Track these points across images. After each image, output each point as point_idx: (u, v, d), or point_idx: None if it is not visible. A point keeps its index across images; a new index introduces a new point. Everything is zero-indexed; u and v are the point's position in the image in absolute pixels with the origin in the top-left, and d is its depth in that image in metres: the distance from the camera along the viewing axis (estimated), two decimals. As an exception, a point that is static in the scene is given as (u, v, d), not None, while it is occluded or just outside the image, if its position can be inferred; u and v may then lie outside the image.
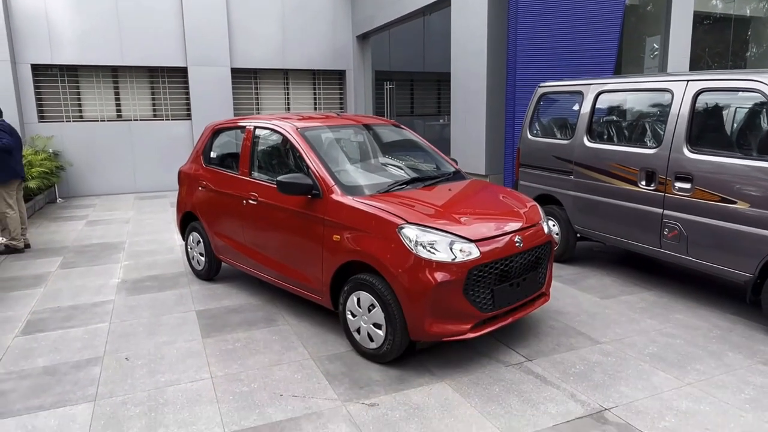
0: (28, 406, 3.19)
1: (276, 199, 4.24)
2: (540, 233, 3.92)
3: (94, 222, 8.69)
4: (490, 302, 3.50)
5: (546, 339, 4.01)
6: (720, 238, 4.22)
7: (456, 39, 8.85)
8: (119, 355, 3.86)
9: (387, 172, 4.45)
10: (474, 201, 4.14)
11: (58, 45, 10.91)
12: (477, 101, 8.48)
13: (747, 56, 12.49)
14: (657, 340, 3.98)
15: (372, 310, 3.57)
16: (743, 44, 12.57)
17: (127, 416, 3.07)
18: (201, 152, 5.43)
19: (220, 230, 5.04)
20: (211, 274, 5.43)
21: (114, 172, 11.78)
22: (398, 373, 3.53)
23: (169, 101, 12.21)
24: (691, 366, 3.57)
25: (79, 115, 11.61)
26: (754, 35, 12.51)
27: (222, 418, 3.04)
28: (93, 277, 5.73)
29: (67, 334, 4.25)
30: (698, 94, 4.44)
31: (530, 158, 6.19)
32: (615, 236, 5.22)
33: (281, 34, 12.64)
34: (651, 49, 10.34)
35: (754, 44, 12.58)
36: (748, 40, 12.52)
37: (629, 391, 3.26)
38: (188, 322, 4.44)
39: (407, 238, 3.38)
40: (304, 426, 2.95)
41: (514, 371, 3.54)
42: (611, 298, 4.86)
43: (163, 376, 3.54)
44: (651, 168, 4.74)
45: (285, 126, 4.43)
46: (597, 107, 5.41)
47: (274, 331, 4.23)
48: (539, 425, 2.92)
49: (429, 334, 3.38)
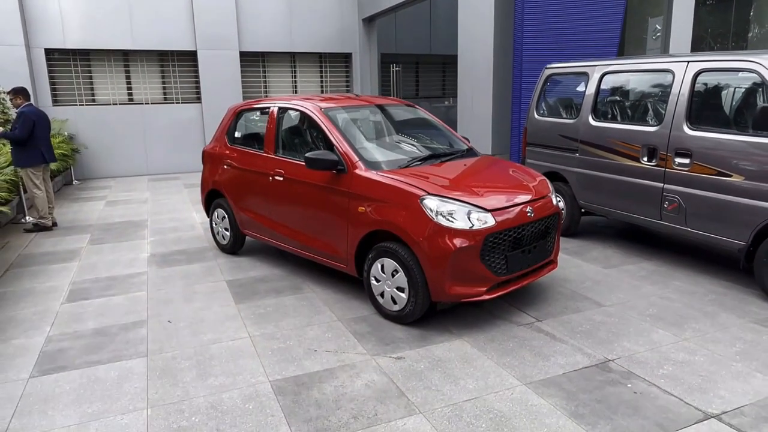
0: (87, 361, 3.53)
1: (302, 175, 4.54)
2: (549, 205, 4.22)
3: (113, 202, 9.00)
4: (504, 267, 3.82)
5: (554, 303, 4.34)
6: (716, 209, 4.53)
7: (463, 21, 9.07)
8: (162, 318, 4.20)
9: (405, 149, 4.74)
10: (488, 175, 4.44)
11: (70, 29, 11.12)
12: (484, 82, 8.73)
13: (749, 37, 12.67)
14: (657, 303, 4.31)
15: (395, 275, 3.89)
16: (745, 25, 12.74)
17: (179, 368, 3.41)
18: (225, 132, 5.71)
19: (246, 206, 5.35)
20: (236, 248, 5.75)
21: (127, 154, 12.07)
22: (420, 332, 3.86)
23: (180, 84, 12.44)
24: (687, 325, 3.91)
25: (92, 98, 11.86)
26: (755, 16, 12.67)
27: (264, 369, 3.38)
28: (123, 251, 6.06)
29: (110, 301, 4.58)
30: (698, 74, 4.71)
31: (537, 137, 6.47)
32: (618, 210, 5.52)
33: (288, 18, 12.82)
34: (653, 30, 10.54)
35: (755, 24, 12.75)
36: (750, 20, 12.68)
37: (631, 346, 3.60)
38: (220, 291, 4.77)
39: (428, 208, 3.69)
40: (339, 375, 3.29)
41: (525, 330, 3.87)
42: (614, 267, 5.18)
43: (205, 335, 3.88)
44: (652, 145, 5.03)
45: (310, 106, 4.71)
46: (601, 87, 5.68)
47: (301, 298, 4.56)
48: (550, 373, 3.26)
49: (449, 296, 3.70)
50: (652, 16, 10.47)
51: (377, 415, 2.88)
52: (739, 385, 3.10)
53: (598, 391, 3.07)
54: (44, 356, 3.61)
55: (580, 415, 2.84)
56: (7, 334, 3.98)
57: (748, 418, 2.80)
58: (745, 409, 2.87)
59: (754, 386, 3.09)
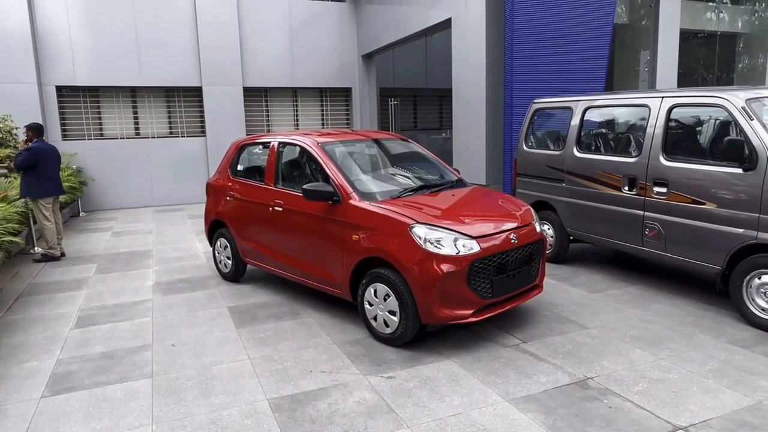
0: (95, 381, 3.75)
1: (300, 205, 4.82)
2: (533, 232, 4.48)
3: (119, 233, 9.28)
4: (490, 291, 4.05)
5: (540, 325, 4.55)
6: (693, 235, 4.78)
7: (457, 58, 9.50)
8: (166, 342, 4.42)
9: (397, 181, 5.03)
10: (474, 204, 4.72)
11: (80, 66, 11.61)
12: (477, 116, 9.11)
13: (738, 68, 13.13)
14: (637, 325, 4.52)
15: (387, 299, 4.12)
16: (730, 59, 13.21)
17: (182, 388, 3.62)
18: (228, 166, 6.03)
19: (247, 235, 5.62)
20: (237, 275, 5.99)
21: (132, 186, 12.41)
22: (411, 353, 4.07)
23: (185, 119, 12.87)
24: (665, 345, 4.11)
25: (100, 133, 12.28)
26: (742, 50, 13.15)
27: (263, 388, 3.58)
28: (129, 280, 6.30)
29: (117, 326, 4.81)
30: (671, 109, 5.03)
31: (526, 168, 6.77)
32: (602, 237, 5.77)
33: (290, 54, 13.34)
34: (646, 62, 10.98)
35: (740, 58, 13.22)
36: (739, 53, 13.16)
37: (609, 365, 3.80)
38: (222, 316, 4.99)
39: (417, 235, 3.95)
40: (333, 393, 3.49)
41: (511, 351, 4.08)
42: (599, 292, 5.40)
43: (207, 358, 4.09)
44: (632, 174, 5.31)
45: (307, 141, 5.03)
46: (585, 121, 6.00)
47: (299, 323, 4.78)
48: (532, 390, 3.46)
49: (437, 318, 3.93)
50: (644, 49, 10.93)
51: (367, 429, 3.08)
52: (709, 400, 3.30)
53: (575, 406, 3.27)
54: (55, 378, 3.82)
55: (557, 428, 3.03)
56: (18, 357, 4.19)
57: (713, 430, 2.99)
58: (712, 422, 3.06)
59: (722, 401, 3.28)
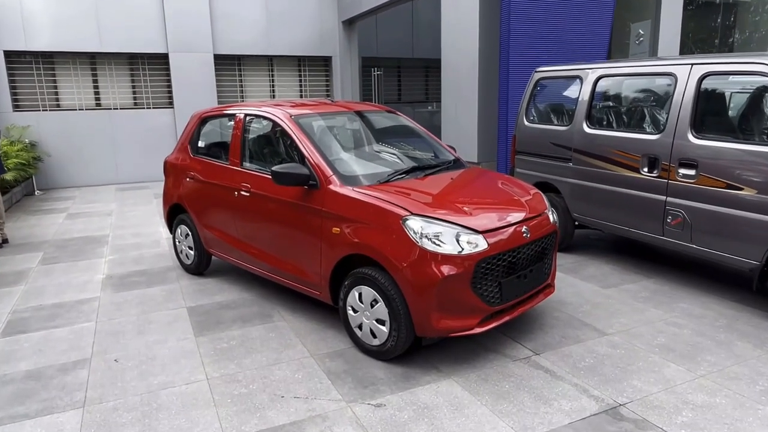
0: (11, 414, 3.00)
1: (270, 190, 4.05)
2: (545, 222, 3.80)
3: (74, 215, 8.38)
4: (498, 295, 3.37)
5: (551, 331, 3.91)
6: (725, 225, 4.15)
7: (446, 22, 8.66)
8: (108, 356, 3.67)
9: (386, 161, 4.28)
10: (478, 190, 4.00)
11: (32, 30, 10.47)
12: (468, 87, 8.33)
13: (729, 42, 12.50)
14: (664, 330, 3.90)
15: (375, 305, 3.42)
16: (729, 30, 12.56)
17: (119, 423, 2.89)
18: (188, 142, 5.20)
19: (210, 223, 4.84)
20: (201, 268, 5.23)
21: (94, 162, 11.42)
22: (403, 370, 3.39)
23: (151, 89, 11.84)
24: (701, 357, 3.50)
25: (57, 103, 11.20)
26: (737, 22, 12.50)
27: (221, 422, 2.88)
28: (76, 273, 5.49)
29: (52, 334, 4.04)
30: (703, 78, 4.33)
31: (527, 145, 6.06)
32: (615, 224, 5.13)
33: (265, 19, 12.30)
34: (636, 35, 10.29)
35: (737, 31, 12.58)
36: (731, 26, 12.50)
37: (642, 385, 3.17)
38: (179, 320, 4.25)
39: (412, 229, 3.23)
40: (308, 430, 2.80)
41: (522, 366, 3.43)
42: (613, 287, 4.78)
43: (155, 378, 3.36)
44: (653, 154, 4.64)
45: (278, 113, 4.23)
46: (597, 92, 5.29)
47: (270, 328, 4.06)
48: (554, 423, 2.82)
49: (436, 330, 3.24)
50: (633, 22, 10.22)
51: (352, 484, 2.41)
52: (772, 435, 2.70)
53: (610, 446, 2.64)
54: (-38, 408, 3.07)
55: (593, 481, 2.40)
56: (-76, 378, 3.42)
57: (790, 481, 2.38)
58: (784, 469, 2.46)
59: (788, 437, 2.68)
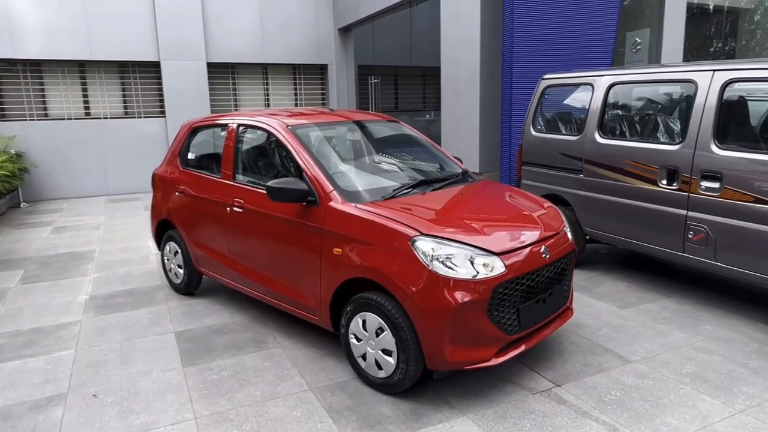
0: (-27, 464, 2.67)
1: (265, 206, 3.75)
2: (564, 240, 3.51)
3: (61, 228, 8.03)
4: (516, 323, 3.07)
5: (571, 358, 3.60)
6: (754, 242, 3.87)
7: (446, 28, 8.42)
8: (86, 390, 3.33)
9: (390, 175, 3.99)
10: (491, 206, 3.70)
11: (18, 37, 10.15)
12: (469, 94, 8.07)
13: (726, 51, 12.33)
14: (692, 356, 3.60)
15: (380, 334, 3.11)
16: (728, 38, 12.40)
17: (95, 474, 2.56)
18: (177, 153, 4.89)
19: (201, 240, 4.52)
20: (190, 288, 4.90)
21: (83, 173, 11.07)
22: (412, 406, 3.08)
23: (142, 98, 11.52)
24: (737, 388, 3.20)
25: (44, 113, 10.86)
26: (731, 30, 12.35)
27: (210, 473, 2.55)
28: (58, 293, 5.15)
29: (26, 364, 3.70)
30: (726, 84, 4.07)
31: (534, 155, 5.79)
32: (630, 239, 4.84)
33: (260, 26, 12.03)
34: (633, 43, 10.10)
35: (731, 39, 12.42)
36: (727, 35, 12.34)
37: (678, 423, 2.87)
38: (167, 347, 3.92)
39: (421, 251, 2.93)
40: (309, 481, 2.48)
41: (543, 400, 3.12)
42: (631, 307, 4.48)
43: (138, 417, 3.03)
44: (673, 166, 4.37)
45: (273, 123, 3.93)
46: (609, 100, 5.03)
47: (265, 356, 3.74)
48: (585, 471, 2.51)
49: (449, 363, 2.93)
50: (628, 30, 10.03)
51: None
52: (832, 485, 2.40)
53: (652, 500, 2.33)
54: None
55: None
56: None
57: None
58: None
59: None
